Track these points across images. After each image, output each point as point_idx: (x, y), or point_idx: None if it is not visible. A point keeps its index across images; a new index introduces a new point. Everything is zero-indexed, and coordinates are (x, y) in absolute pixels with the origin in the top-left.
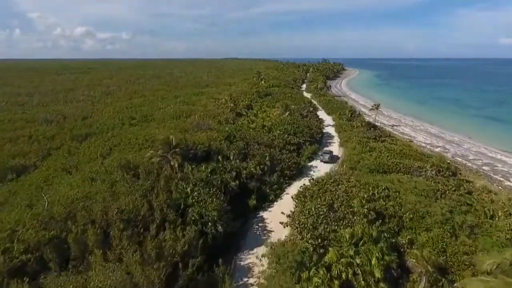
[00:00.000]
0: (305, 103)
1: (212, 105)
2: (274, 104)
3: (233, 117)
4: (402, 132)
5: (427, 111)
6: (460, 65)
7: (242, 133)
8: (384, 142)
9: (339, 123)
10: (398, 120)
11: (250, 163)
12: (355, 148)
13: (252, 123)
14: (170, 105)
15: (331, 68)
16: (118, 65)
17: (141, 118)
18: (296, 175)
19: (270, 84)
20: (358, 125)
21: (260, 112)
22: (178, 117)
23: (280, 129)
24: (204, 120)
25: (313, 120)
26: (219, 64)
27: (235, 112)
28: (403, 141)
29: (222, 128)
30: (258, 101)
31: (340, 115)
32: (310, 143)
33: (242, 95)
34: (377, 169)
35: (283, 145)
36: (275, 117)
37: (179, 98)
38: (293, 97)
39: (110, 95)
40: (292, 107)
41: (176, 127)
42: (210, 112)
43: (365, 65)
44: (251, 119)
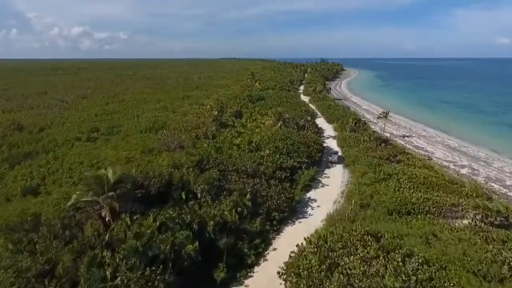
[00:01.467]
0: (302, 111)
1: (195, 112)
2: (266, 111)
3: (217, 128)
4: (416, 146)
5: (439, 117)
6: (460, 65)
7: (221, 155)
8: (400, 163)
9: (342, 136)
10: (408, 129)
11: (225, 203)
12: (366, 174)
13: (238, 136)
14: (147, 111)
15: (330, 69)
16: (110, 65)
17: (106, 130)
18: (288, 217)
19: (264, 86)
20: (366, 139)
21: (250, 120)
22: (150, 129)
23: (270, 147)
24: (175, 136)
25: (311, 133)
26: (215, 64)
27: (219, 121)
28: (420, 159)
29: (199, 146)
30: (249, 106)
31: (343, 124)
32: (307, 165)
33: (231, 100)
34: (399, 209)
35: (272, 172)
36: (266, 129)
37: (161, 103)
38: (288, 101)
39: (87, 99)
40: (286, 116)
41: (139, 145)
42: (188, 123)
43: (364, 65)
44: (238, 131)
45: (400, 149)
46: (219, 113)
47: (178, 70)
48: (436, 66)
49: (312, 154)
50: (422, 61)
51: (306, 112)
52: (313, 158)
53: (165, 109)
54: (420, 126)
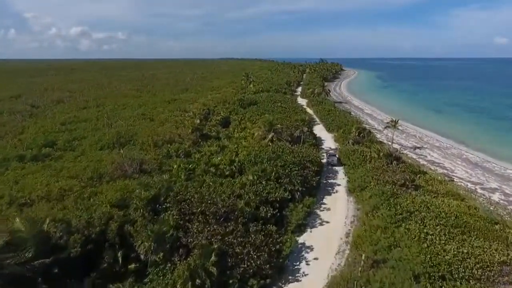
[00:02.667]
0: (298, 119)
1: (175, 120)
2: (258, 118)
3: (196, 141)
4: (431, 161)
5: (449, 123)
6: (459, 65)
7: (192, 182)
8: (419, 190)
9: (344, 150)
10: (418, 138)
11: (178, 272)
12: (377, 209)
13: (220, 151)
14: (123, 119)
15: (329, 69)
16: (106, 66)
17: (63, 144)
18: (272, 283)
19: (259, 88)
20: (374, 155)
21: (238, 130)
22: (114, 143)
23: (255, 170)
24: (137, 156)
25: (307, 147)
26: (212, 65)
27: (201, 132)
28: (441, 180)
29: (167, 169)
30: (239, 112)
31: (344, 134)
32: (301, 193)
33: (220, 104)
34: (429, 271)
35: (254, 208)
36: (255, 141)
37: (143, 108)
38: (284, 106)
39: (62, 103)
40: (278, 126)
41: (90, 168)
42: (162, 135)
43: (363, 65)
44: (221, 144)
45: (416, 168)
46: (202, 122)
47: (173, 71)
48: (436, 66)
49: (308, 178)
50: (421, 61)
51: (303, 122)
52: (310, 183)
53: (143, 116)
54: (431, 134)
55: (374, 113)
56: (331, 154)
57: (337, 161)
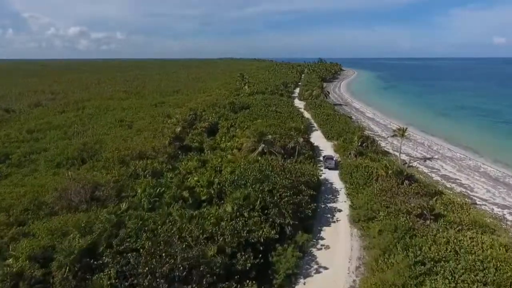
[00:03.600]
0: (291, 128)
1: (154, 128)
2: (250, 124)
3: (173, 155)
4: (445, 175)
5: (460, 129)
6: (460, 65)
7: (155, 214)
8: (440, 222)
9: (346, 165)
10: (427, 147)
11: None
12: (389, 253)
13: (199, 167)
14: (99, 126)
15: (328, 69)
16: (100, 66)
17: (18, 158)
18: None
19: (254, 90)
20: (382, 172)
21: (225, 139)
22: (76, 158)
23: (236, 198)
24: (87, 181)
25: (304, 164)
26: (210, 65)
27: (181, 143)
28: (461, 203)
29: (129, 194)
30: (230, 117)
31: (346, 143)
32: (293, 228)
33: (210, 108)
34: None
35: (229, 255)
36: (242, 154)
37: (125, 112)
38: (279, 111)
39: (41, 107)
40: (269, 137)
41: (30, 194)
42: (134, 148)
43: (362, 65)
44: (202, 159)
45: (431, 188)
46: (185, 129)
47: (169, 71)
48: (436, 66)
49: (302, 206)
50: (421, 60)
51: (298, 132)
52: (304, 212)
53: (121, 122)
54: (440, 142)
55: (376, 117)
56: (328, 158)
57: (334, 164)
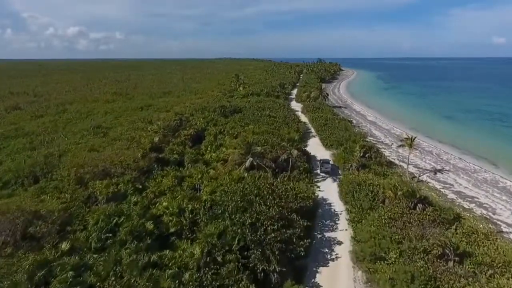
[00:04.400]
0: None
1: (131, 137)
2: (240, 130)
3: (148, 167)
4: (461, 193)
5: (469, 134)
6: (460, 65)
7: (87, 272)
8: (465, 263)
9: (347, 182)
10: (436, 156)
11: None
12: None
13: (175, 186)
14: (73, 132)
15: (327, 69)
16: (95, 66)
17: None
18: None
19: (248, 92)
20: (389, 193)
21: (211, 149)
22: (27, 177)
23: (210, 235)
24: (17, 213)
25: (299, 182)
26: (207, 65)
27: (157, 156)
28: (483, 231)
29: (77, 227)
30: (219, 122)
31: (346, 154)
32: (280, 275)
33: (198, 112)
34: None
35: None
36: (227, 169)
37: (106, 117)
38: (272, 115)
39: (19, 110)
40: (258, 149)
41: None
42: (91, 166)
43: (361, 65)
44: (180, 175)
45: (450, 213)
46: (166, 138)
47: (164, 71)
48: (436, 66)
49: (292, 243)
50: (420, 60)
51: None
52: (295, 251)
53: (97, 129)
54: (450, 150)
55: (378, 121)
56: (324, 161)
57: (331, 169)
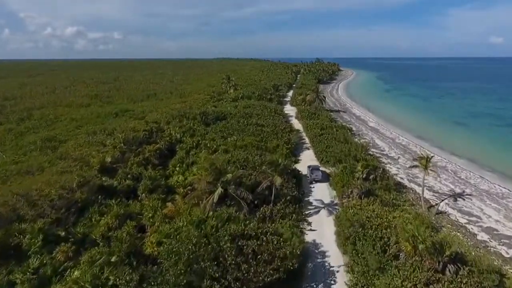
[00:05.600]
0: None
1: (89, 152)
2: (221, 142)
3: (85, 201)
4: (491, 229)
5: (483, 144)
6: (460, 65)
7: None
8: None
9: (345, 218)
10: (453, 173)
11: None
12: None
13: (115, 229)
14: (13, 148)
15: (325, 69)
16: (84, 66)
17: None
18: None
19: (239, 95)
20: (407, 247)
21: (181, 169)
22: None
23: None
24: None
25: (282, 224)
26: (204, 65)
27: (101, 183)
28: None
29: None
30: (198, 132)
31: (345, 174)
32: None
33: (177, 118)
34: None
35: None
36: (189, 202)
37: (73, 124)
38: (260, 123)
39: None
40: (228, 176)
41: None
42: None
43: (360, 65)
44: (126, 212)
45: (491, 280)
46: (125, 155)
47: (156, 72)
48: (436, 66)
49: None
50: (418, 60)
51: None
52: None
53: (49, 143)
54: (467, 166)
55: (381, 128)
56: (314, 168)
57: (322, 176)
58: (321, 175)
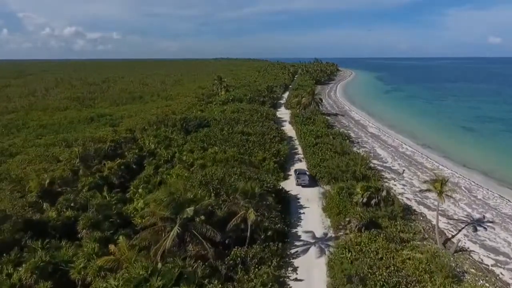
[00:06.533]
0: (243, 191)
1: (26, 173)
2: (199, 156)
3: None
4: None
5: (497, 154)
6: (460, 65)
7: None
8: None
9: (341, 269)
10: (467, 191)
11: None
12: None
13: None
14: None
15: (323, 70)
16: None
17: None
18: None
19: (229, 97)
20: None
21: (143, 192)
22: None
23: None
24: None
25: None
26: (201, 65)
27: (29, 219)
28: None
29: None
30: (175, 142)
31: (342, 198)
32: None
33: (153, 126)
34: None
35: None
36: (139, 245)
37: (37, 131)
38: (246, 131)
39: None
40: (188, 212)
41: None
42: None
43: (359, 65)
44: (52, 260)
45: None
46: (77, 173)
47: (152, 72)
48: (435, 66)
49: None
50: (417, 60)
51: (249, 200)
52: None
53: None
54: (483, 183)
55: (382, 134)
56: (301, 172)
57: (309, 180)
58: (308, 180)
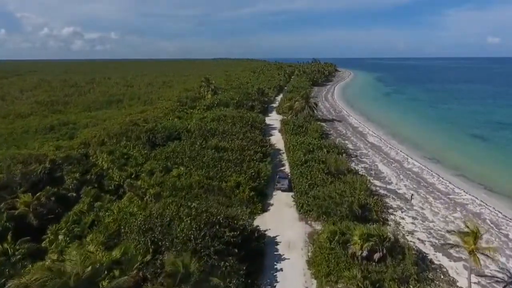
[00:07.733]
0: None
1: None
2: (159, 180)
3: None
4: None
5: None
6: (460, 65)
7: None
8: None
9: None
10: (495, 227)
11: None
12: None
13: None
14: None
15: (321, 70)
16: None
17: None
18: None
19: (215, 101)
20: None
21: (67, 238)
22: None
23: None
24: None
25: None
26: (198, 66)
27: None
28: None
29: None
30: (133, 161)
31: (334, 248)
32: None
33: (113, 139)
34: None
35: None
36: None
37: None
38: (222, 147)
39: None
40: (120, 283)
41: None
42: None
43: (358, 65)
44: None
45: None
46: None
47: (141, 73)
48: (435, 66)
49: None
50: (416, 60)
51: None
52: None
53: None
54: (508, 209)
55: (384, 144)
56: (281, 177)
57: (288, 185)
58: (288, 185)
